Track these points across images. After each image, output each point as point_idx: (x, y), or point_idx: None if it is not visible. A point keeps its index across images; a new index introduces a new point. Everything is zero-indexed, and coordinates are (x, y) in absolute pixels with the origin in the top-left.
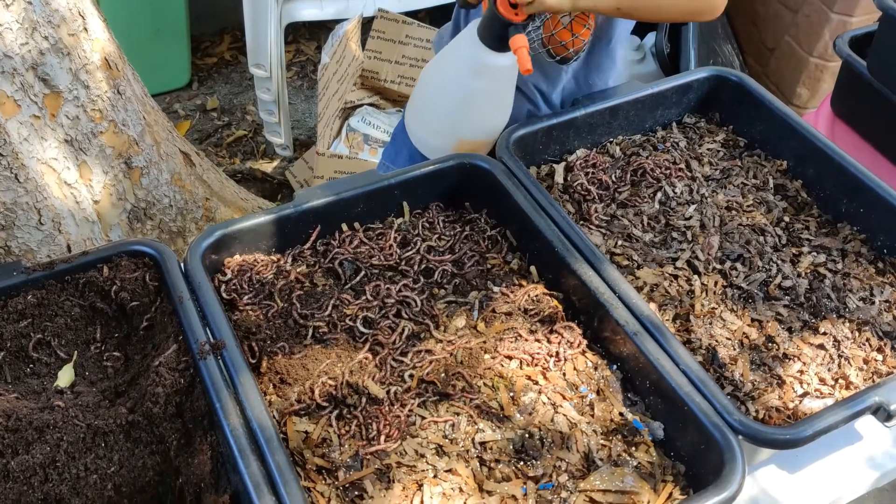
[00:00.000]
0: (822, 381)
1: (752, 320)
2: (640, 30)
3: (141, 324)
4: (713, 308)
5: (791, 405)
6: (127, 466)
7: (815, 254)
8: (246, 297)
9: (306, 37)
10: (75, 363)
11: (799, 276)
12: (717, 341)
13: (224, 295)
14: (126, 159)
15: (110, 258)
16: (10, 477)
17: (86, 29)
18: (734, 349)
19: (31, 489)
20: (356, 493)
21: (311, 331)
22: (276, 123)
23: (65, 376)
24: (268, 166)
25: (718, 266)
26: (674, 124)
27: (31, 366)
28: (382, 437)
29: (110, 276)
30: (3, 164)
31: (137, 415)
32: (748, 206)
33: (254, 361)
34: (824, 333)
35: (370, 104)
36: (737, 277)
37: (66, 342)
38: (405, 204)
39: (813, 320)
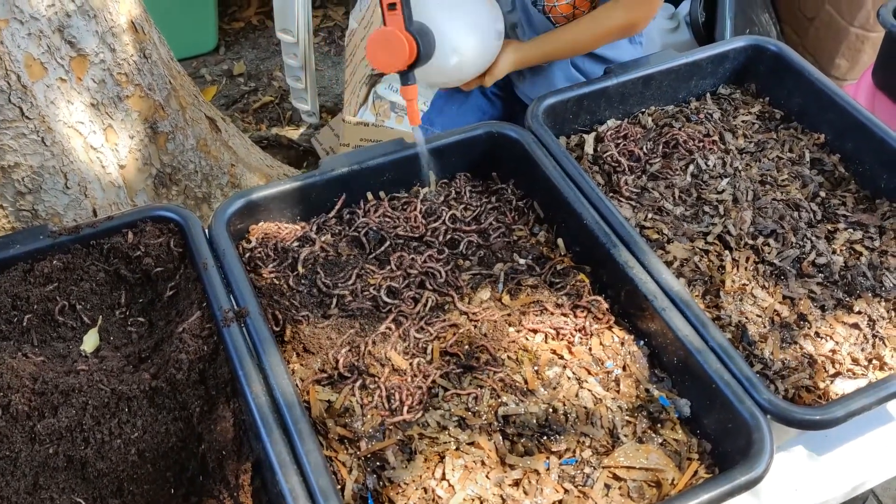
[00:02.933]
0: (856, 361)
1: (784, 297)
2: None
3: (165, 290)
4: (744, 284)
5: (822, 385)
6: (150, 432)
7: (851, 230)
8: (270, 264)
9: (334, 2)
10: (100, 328)
11: (834, 253)
12: (747, 318)
13: (248, 262)
14: (152, 124)
15: (135, 223)
16: (36, 439)
17: None
18: (764, 327)
19: (56, 452)
20: (378, 463)
21: (335, 300)
22: (302, 90)
23: (90, 340)
24: (294, 133)
25: (750, 241)
26: (708, 95)
27: (58, 329)
28: (405, 408)
29: (135, 242)
30: (30, 128)
31: (161, 381)
32: (783, 180)
33: (277, 329)
34: (859, 312)
35: None
36: (769, 253)
37: (92, 307)
38: (431, 173)
39: (847, 299)
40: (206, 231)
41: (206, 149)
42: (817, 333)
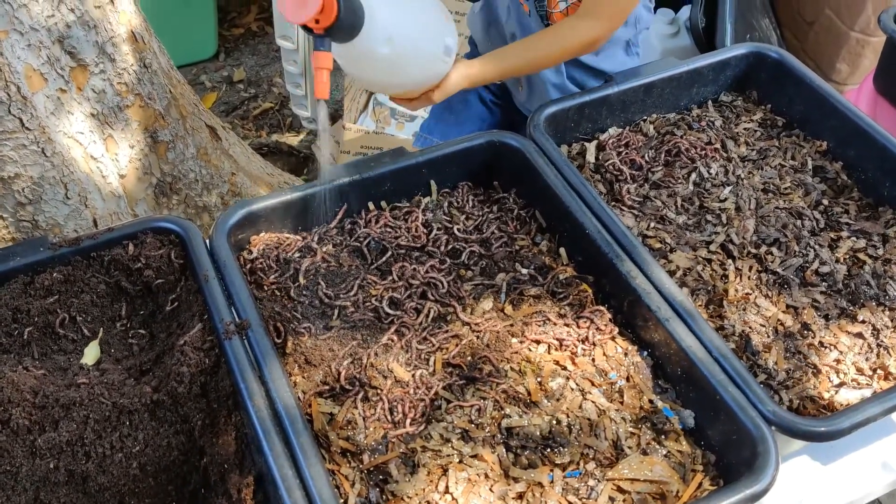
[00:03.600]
0: (860, 370)
1: (788, 307)
2: (675, 3)
3: (166, 302)
4: (747, 293)
5: (826, 395)
6: (152, 445)
7: (854, 238)
8: (272, 275)
9: None
10: (101, 340)
11: (837, 261)
12: (750, 328)
13: (249, 274)
14: (152, 133)
15: (136, 235)
16: (37, 454)
17: (112, 1)
18: (768, 336)
19: (57, 466)
20: (381, 476)
21: (336, 311)
22: (302, 96)
23: (91, 353)
24: (294, 139)
25: (754, 250)
26: (710, 102)
27: (58, 342)
28: (408, 421)
29: (135, 254)
30: (31, 139)
31: (162, 394)
32: (785, 188)
33: (279, 342)
34: (863, 322)
35: None
36: (772, 262)
37: (92, 319)
38: (432, 182)
39: (851, 308)
40: (207, 242)
41: (206, 157)
42: (821, 343)
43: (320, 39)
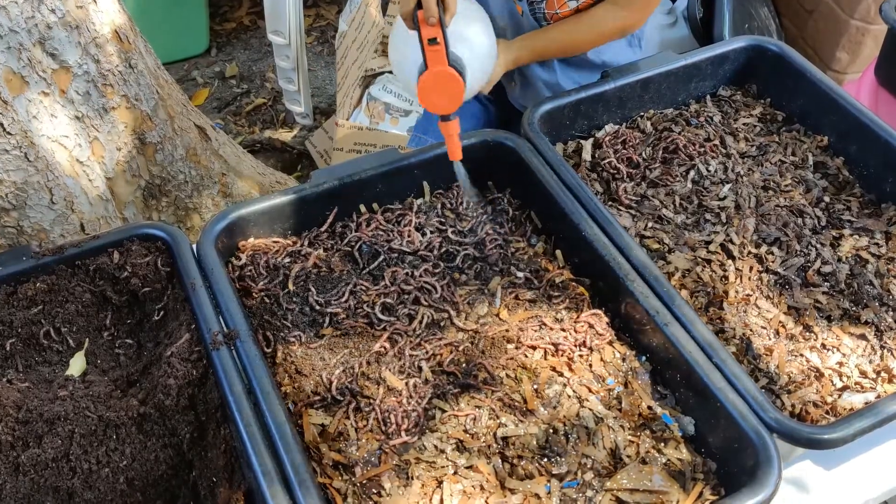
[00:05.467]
0: (864, 373)
1: (789, 308)
2: None
3: (153, 310)
4: (748, 295)
5: (829, 399)
6: (139, 460)
7: (856, 237)
8: (261, 282)
9: (326, 0)
10: (87, 351)
11: (839, 260)
12: (751, 330)
13: (238, 281)
14: (139, 135)
15: (121, 242)
16: (20, 471)
17: (94, 1)
18: (769, 339)
19: (42, 483)
20: (374, 490)
21: (328, 318)
22: (295, 92)
23: (76, 364)
24: (287, 135)
25: (754, 250)
26: (708, 97)
27: (43, 353)
28: (401, 431)
29: (121, 262)
30: (13, 143)
31: (149, 407)
32: (786, 185)
33: (268, 351)
34: (866, 323)
35: (391, 72)
36: (773, 262)
37: (78, 329)
38: (426, 184)
39: (854, 308)
40: (195, 248)
41: (195, 158)
42: (824, 345)
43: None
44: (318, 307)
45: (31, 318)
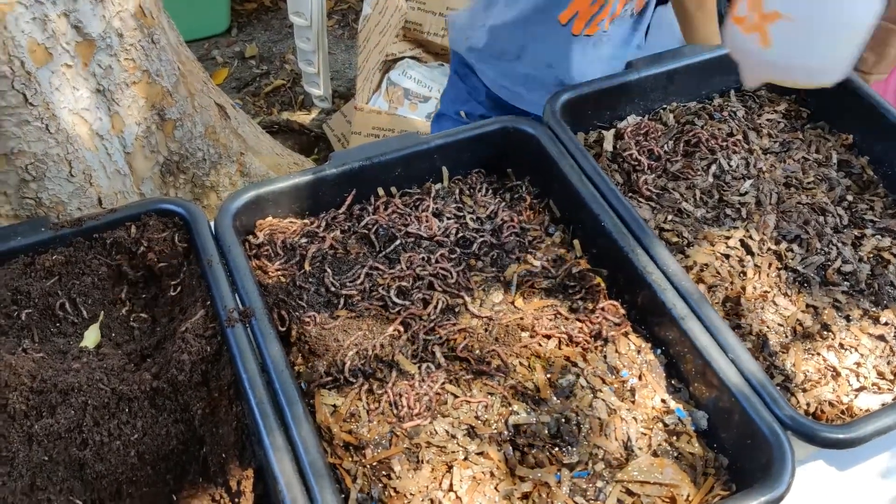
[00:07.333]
0: (881, 374)
1: (807, 306)
2: None
3: (169, 286)
4: (766, 291)
5: (846, 400)
6: (150, 434)
7: (879, 237)
8: (277, 261)
9: None
10: (102, 323)
11: (860, 260)
12: (768, 327)
13: (254, 259)
14: (159, 111)
15: (138, 217)
16: (34, 440)
17: None
18: (786, 336)
19: (54, 454)
20: (383, 472)
21: (342, 300)
22: (314, 74)
23: (91, 336)
24: (305, 118)
25: (773, 247)
26: (732, 92)
27: (58, 325)
28: (413, 415)
29: (138, 236)
30: (34, 115)
31: (162, 381)
32: (808, 182)
33: (283, 330)
34: (886, 324)
35: (412, 57)
36: (793, 259)
37: (93, 301)
38: (444, 169)
39: (874, 309)
40: (212, 225)
41: (214, 136)
42: (841, 345)
43: None
44: (333, 288)
45: (48, 290)
